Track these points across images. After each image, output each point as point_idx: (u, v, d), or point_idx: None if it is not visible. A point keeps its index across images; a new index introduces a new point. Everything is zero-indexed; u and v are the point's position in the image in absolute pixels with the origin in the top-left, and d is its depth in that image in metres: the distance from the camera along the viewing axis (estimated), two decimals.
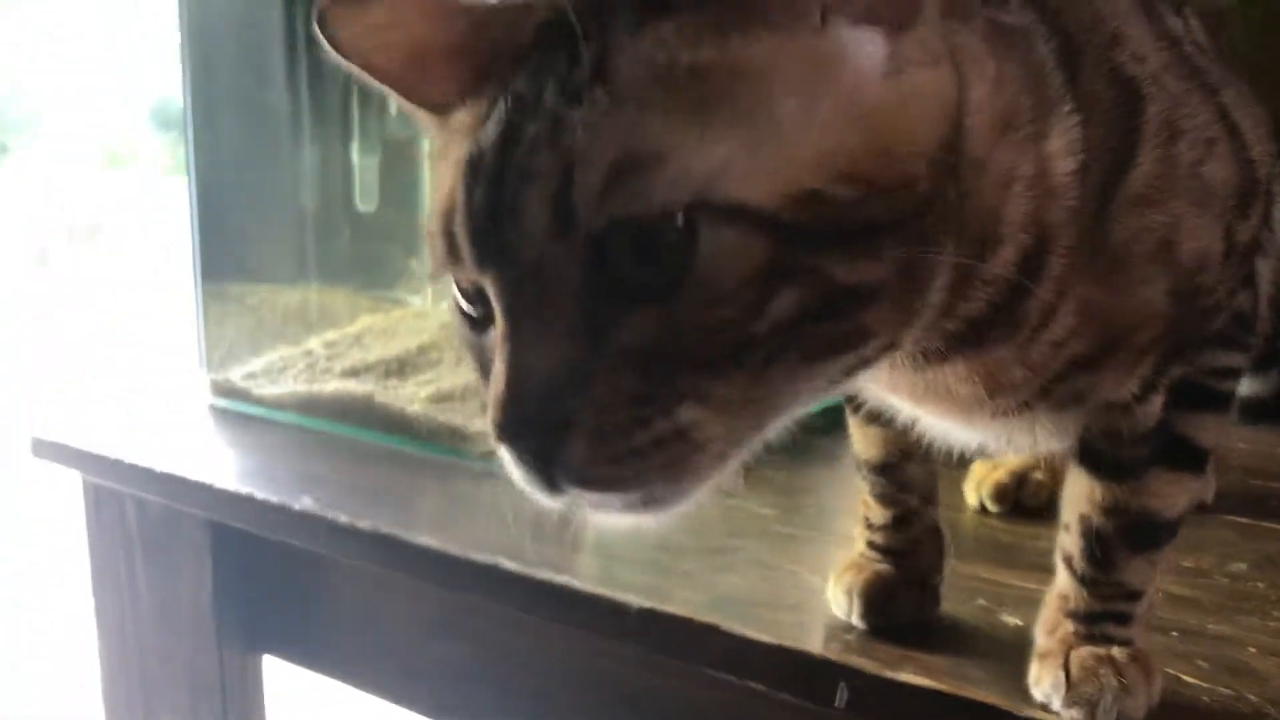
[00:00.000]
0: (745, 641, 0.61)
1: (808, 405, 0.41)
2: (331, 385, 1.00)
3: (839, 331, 0.38)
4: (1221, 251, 0.50)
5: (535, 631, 0.75)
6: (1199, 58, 0.51)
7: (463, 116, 0.40)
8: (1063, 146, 0.44)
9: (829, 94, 0.37)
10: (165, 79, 7.63)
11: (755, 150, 0.35)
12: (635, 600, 0.65)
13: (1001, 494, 0.81)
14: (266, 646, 0.93)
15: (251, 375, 1.07)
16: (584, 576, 0.68)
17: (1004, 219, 0.43)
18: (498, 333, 0.39)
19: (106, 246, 5.91)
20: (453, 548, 0.72)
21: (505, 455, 0.40)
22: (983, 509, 0.81)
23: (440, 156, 0.42)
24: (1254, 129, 0.51)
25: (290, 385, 1.03)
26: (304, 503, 0.80)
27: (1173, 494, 0.55)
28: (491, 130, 0.38)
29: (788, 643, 0.60)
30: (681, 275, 0.36)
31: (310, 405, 1.00)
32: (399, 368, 1.03)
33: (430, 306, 1.23)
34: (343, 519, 0.78)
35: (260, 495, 0.82)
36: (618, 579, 0.68)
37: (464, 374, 1.01)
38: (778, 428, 0.41)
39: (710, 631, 0.61)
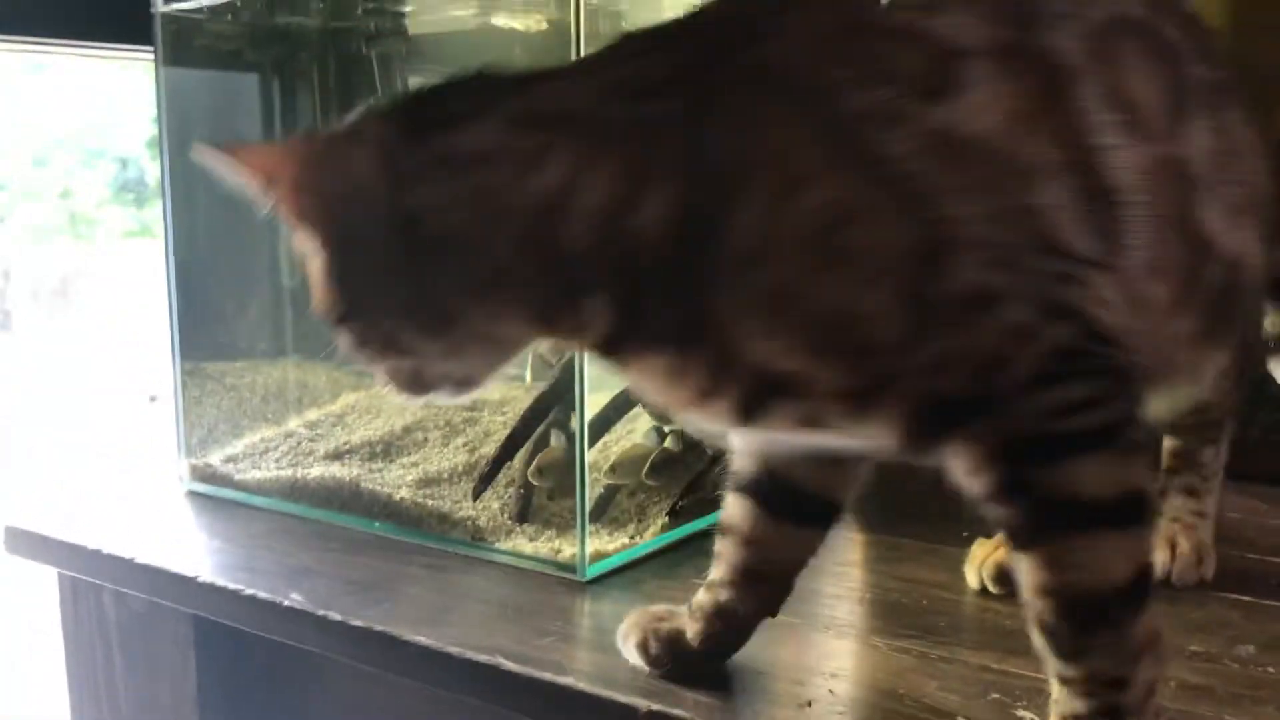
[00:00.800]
0: None
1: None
2: (316, 470, 0.98)
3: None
4: (893, 309, 0.51)
5: None
6: (880, 143, 0.52)
7: None
8: (656, 215, 0.53)
9: None
10: (126, 143, 7.59)
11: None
12: (643, 703, 0.63)
13: (1003, 575, 0.80)
14: None
15: (232, 459, 1.05)
16: (587, 677, 0.66)
17: (577, 269, 0.55)
18: None
19: (73, 308, 5.84)
20: (449, 646, 0.70)
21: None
22: (984, 590, 0.80)
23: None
24: (971, 190, 0.52)
25: (273, 469, 1.01)
26: (293, 599, 0.78)
27: (1092, 558, 0.51)
28: None
29: None
30: None
31: (294, 491, 0.98)
32: (384, 449, 1.02)
33: None
34: (334, 616, 0.75)
35: (248, 590, 0.79)
36: (620, 678, 0.66)
37: (450, 456, 0.99)
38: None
39: None
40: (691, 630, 0.68)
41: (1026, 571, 0.52)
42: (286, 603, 0.78)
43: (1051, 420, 0.51)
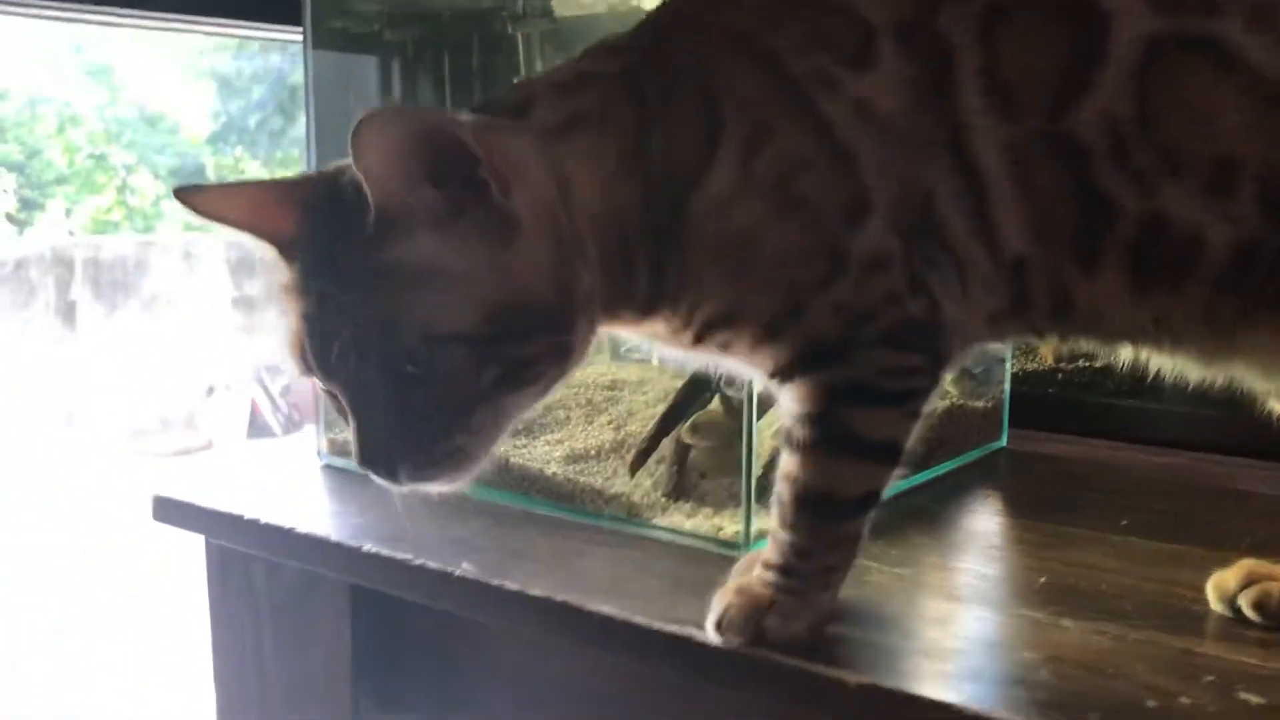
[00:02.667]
0: None
1: (532, 407, 0.66)
2: None
3: (525, 378, 0.63)
4: (808, 252, 0.62)
5: (726, 704, 0.71)
6: (828, 100, 0.63)
7: (291, 271, 0.63)
8: (655, 169, 0.64)
9: (472, 264, 0.60)
10: (186, 136, 7.71)
11: (444, 304, 0.59)
12: (851, 677, 0.62)
13: (1263, 603, 0.70)
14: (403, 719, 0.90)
15: None
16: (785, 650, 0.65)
17: (632, 237, 0.65)
18: (346, 410, 0.63)
19: (133, 300, 5.92)
20: (636, 617, 0.70)
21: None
22: (1235, 612, 0.71)
23: (285, 291, 0.63)
24: (885, 163, 0.62)
25: None
26: (465, 568, 0.77)
27: (840, 477, 0.65)
28: (308, 301, 0.61)
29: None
30: (432, 373, 0.60)
31: None
32: (525, 427, 1.01)
33: None
34: (510, 585, 0.75)
35: (416, 560, 0.79)
36: (821, 653, 0.65)
37: (596, 434, 0.98)
38: (510, 431, 0.66)
39: (945, 711, 0.59)
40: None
41: (789, 463, 0.66)
42: (458, 572, 0.77)
43: (886, 378, 0.64)
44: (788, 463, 0.66)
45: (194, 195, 0.63)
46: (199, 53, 7.50)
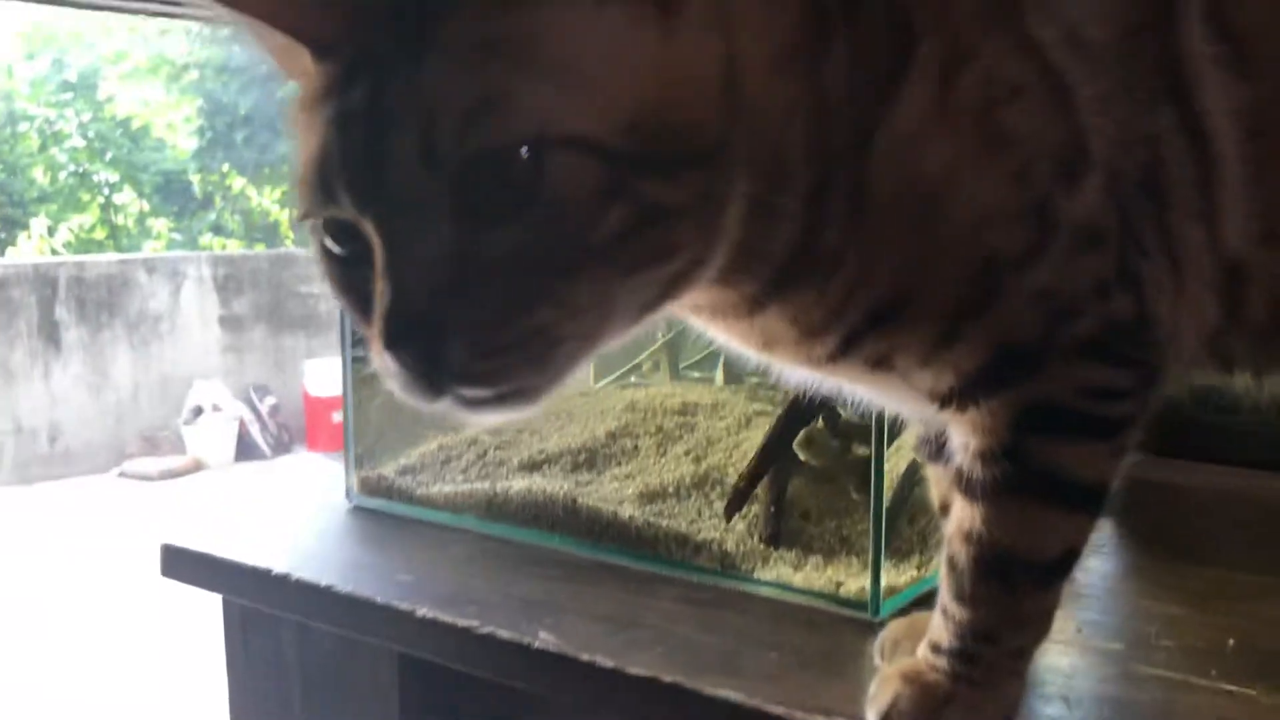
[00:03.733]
0: None
1: (639, 316, 0.47)
2: (518, 483, 0.85)
3: (656, 243, 0.44)
4: (1014, 211, 0.48)
5: None
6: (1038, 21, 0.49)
7: (323, 76, 0.45)
8: (834, 82, 0.48)
9: (618, 53, 0.43)
10: (170, 154, 7.57)
11: (575, 94, 0.43)
12: None
13: None
14: None
15: (408, 470, 0.92)
16: None
17: (789, 152, 0.48)
18: (378, 262, 0.43)
19: (118, 319, 5.78)
20: (770, 705, 0.57)
21: (390, 367, 0.44)
22: None
23: (304, 110, 0.46)
24: (1104, 102, 0.49)
25: (461, 482, 0.88)
26: (543, 639, 0.64)
27: (1035, 530, 0.52)
28: (358, 91, 0.43)
29: None
30: (533, 196, 0.42)
31: (494, 508, 0.84)
32: (588, 459, 0.88)
33: (596, 385, 1.09)
34: (604, 662, 0.62)
35: (484, 628, 0.66)
36: None
37: (672, 467, 0.85)
38: (617, 336, 0.47)
39: None
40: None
41: (966, 517, 0.52)
42: (536, 644, 0.64)
43: (1089, 400, 0.51)
44: (964, 516, 0.53)
45: None
46: (183, 67, 7.36)
